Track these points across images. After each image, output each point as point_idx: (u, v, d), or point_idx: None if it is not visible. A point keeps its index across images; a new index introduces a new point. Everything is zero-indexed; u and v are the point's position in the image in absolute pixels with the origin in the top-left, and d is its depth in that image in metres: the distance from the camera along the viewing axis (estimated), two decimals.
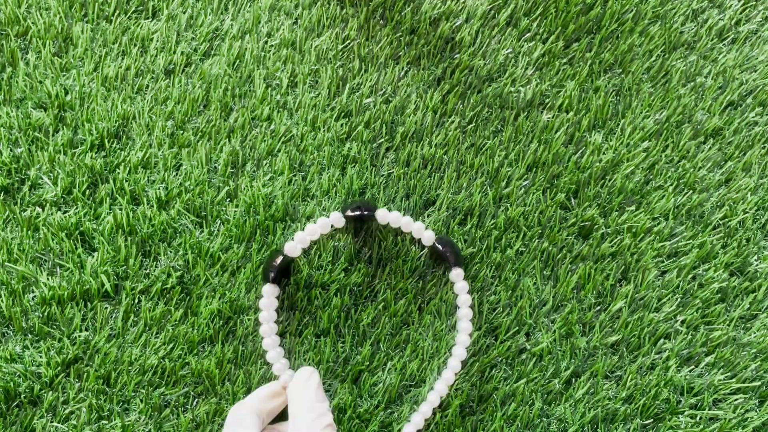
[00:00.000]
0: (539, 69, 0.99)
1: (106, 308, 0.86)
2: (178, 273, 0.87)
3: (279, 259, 0.51)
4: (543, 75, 0.99)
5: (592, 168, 0.95)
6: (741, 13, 1.04)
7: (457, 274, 0.45)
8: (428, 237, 0.47)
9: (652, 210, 0.95)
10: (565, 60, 0.99)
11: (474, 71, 0.98)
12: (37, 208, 0.89)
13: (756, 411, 0.89)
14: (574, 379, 0.89)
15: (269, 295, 0.45)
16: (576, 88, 0.97)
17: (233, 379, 0.85)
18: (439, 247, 0.48)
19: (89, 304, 0.86)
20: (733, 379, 0.90)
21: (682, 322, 0.92)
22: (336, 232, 0.85)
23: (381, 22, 0.98)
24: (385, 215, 0.49)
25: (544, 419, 0.87)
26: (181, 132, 0.92)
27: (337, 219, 0.50)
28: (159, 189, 0.90)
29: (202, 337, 0.85)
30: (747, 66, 1.02)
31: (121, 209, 0.89)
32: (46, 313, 0.85)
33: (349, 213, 0.51)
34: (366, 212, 0.51)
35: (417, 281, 0.89)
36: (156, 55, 0.96)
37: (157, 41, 0.97)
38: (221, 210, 0.90)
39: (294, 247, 0.50)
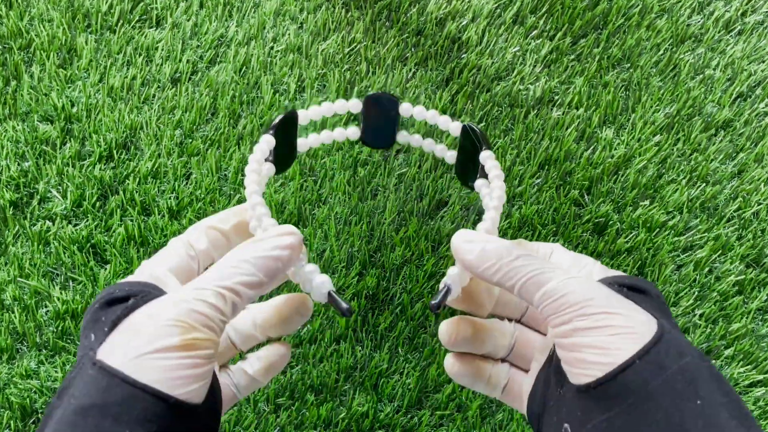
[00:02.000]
0: (547, 66, 0.99)
1: None
2: None
3: (283, 116, 0.44)
4: (551, 72, 0.98)
5: (604, 164, 0.94)
6: (747, 4, 1.04)
7: (487, 155, 0.42)
8: (455, 127, 0.45)
9: (665, 204, 0.94)
10: (573, 56, 0.99)
11: (482, 70, 0.97)
12: (47, 221, 0.88)
13: None
14: None
15: (265, 142, 0.39)
16: (585, 84, 0.97)
17: None
18: (469, 129, 0.44)
19: None
20: (754, 371, 0.90)
21: (701, 315, 0.91)
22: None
23: (387, 23, 0.97)
24: (408, 108, 0.46)
25: None
26: (190, 140, 0.92)
27: (354, 104, 0.46)
28: (170, 198, 0.89)
29: None
30: (755, 57, 1.01)
31: (132, 220, 0.88)
32: (60, 328, 0.84)
33: (369, 99, 0.46)
34: (390, 99, 0.46)
35: (433, 284, 0.88)
36: (162, 64, 0.95)
37: (163, 50, 0.96)
38: None
39: (306, 114, 0.45)
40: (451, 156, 0.48)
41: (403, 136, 0.47)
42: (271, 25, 0.98)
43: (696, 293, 0.92)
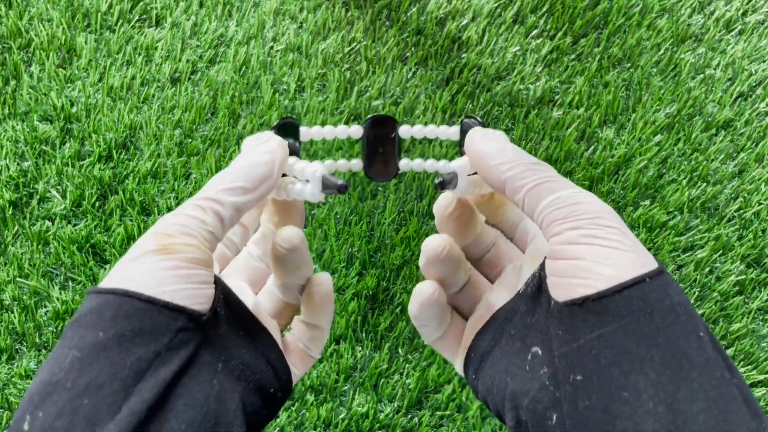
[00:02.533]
0: (548, 66, 0.98)
1: None
2: None
3: (284, 121, 0.41)
4: (552, 72, 0.98)
5: (604, 164, 0.94)
6: (747, 3, 1.04)
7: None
8: (454, 132, 0.43)
9: (666, 204, 0.94)
10: (573, 56, 0.98)
11: (482, 70, 0.97)
12: (47, 221, 0.87)
13: None
14: None
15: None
16: (585, 83, 0.97)
17: None
18: (468, 122, 0.41)
19: None
20: (754, 371, 0.89)
21: (701, 315, 0.91)
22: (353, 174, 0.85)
23: (387, 23, 0.97)
24: (408, 130, 0.44)
25: None
26: (190, 140, 0.91)
27: (356, 130, 0.44)
28: (169, 198, 0.89)
29: None
30: (756, 57, 1.01)
31: (131, 220, 0.88)
32: (59, 328, 0.84)
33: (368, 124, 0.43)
34: (388, 119, 0.43)
35: None
36: (161, 64, 0.95)
37: (162, 49, 0.96)
38: None
39: (307, 132, 0.42)
40: (454, 132, 0.47)
41: (405, 164, 0.46)
42: (270, 24, 0.98)
43: (696, 293, 0.92)
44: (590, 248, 0.31)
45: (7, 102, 0.91)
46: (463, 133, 0.43)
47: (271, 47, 0.98)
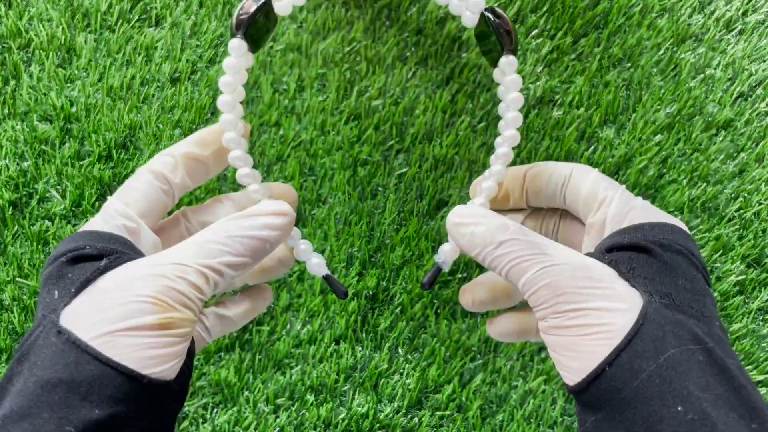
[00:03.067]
0: (548, 65, 0.98)
1: None
2: None
3: (256, 6, 0.32)
4: (552, 71, 0.98)
5: (605, 163, 0.94)
6: (748, 3, 1.03)
7: (508, 62, 0.33)
8: (469, 17, 0.38)
9: (666, 204, 0.94)
10: (573, 56, 0.98)
11: (482, 69, 0.97)
12: (46, 221, 0.87)
13: None
14: None
15: (237, 53, 0.31)
16: (585, 83, 0.97)
17: (252, 388, 0.83)
18: (491, 18, 0.37)
19: None
20: (755, 371, 0.89)
21: None
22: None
23: (387, 23, 0.97)
24: None
25: (567, 417, 0.86)
26: None
27: None
28: None
29: (218, 347, 0.84)
30: (756, 57, 1.01)
31: None
32: None
33: None
34: None
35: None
36: (161, 64, 0.95)
37: (162, 49, 0.96)
38: None
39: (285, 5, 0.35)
40: (470, 17, 0.43)
41: None
42: None
43: None
44: (556, 339, 0.30)
45: (7, 102, 0.91)
46: (486, 34, 0.44)
47: (271, 47, 0.98)
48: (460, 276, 0.89)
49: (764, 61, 1.01)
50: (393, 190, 0.91)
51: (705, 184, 0.95)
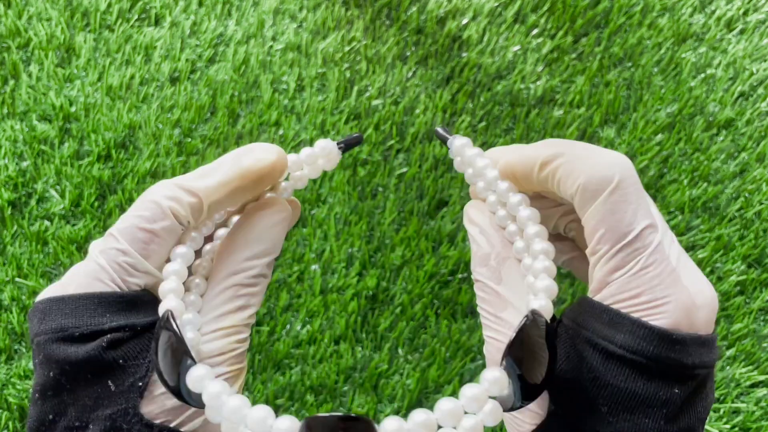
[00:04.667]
0: (548, 65, 0.98)
1: None
2: None
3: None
4: (553, 71, 0.98)
5: None
6: (749, 3, 1.03)
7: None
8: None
9: (667, 204, 0.94)
10: (574, 55, 0.98)
11: (483, 69, 0.97)
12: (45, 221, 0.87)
13: None
14: None
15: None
16: (586, 83, 0.96)
17: (252, 388, 0.83)
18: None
19: None
20: (755, 372, 0.89)
21: None
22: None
23: (387, 22, 0.97)
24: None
25: None
26: (189, 140, 0.91)
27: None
28: None
29: None
30: (757, 56, 1.01)
31: None
32: None
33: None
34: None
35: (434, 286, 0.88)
36: (160, 63, 0.95)
37: (161, 49, 0.95)
38: None
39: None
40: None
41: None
42: (270, 23, 0.98)
43: None
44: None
45: (6, 102, 0.91)
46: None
47: (271, 46, 0.98)
48: (460, 276, 0.88)
49: (765, 61, 1.01)
50: (393, 190, 0.91)
51: (706, 183, 0.95)
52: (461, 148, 0.33)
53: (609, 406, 0.27)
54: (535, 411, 0.28)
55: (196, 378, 0.26)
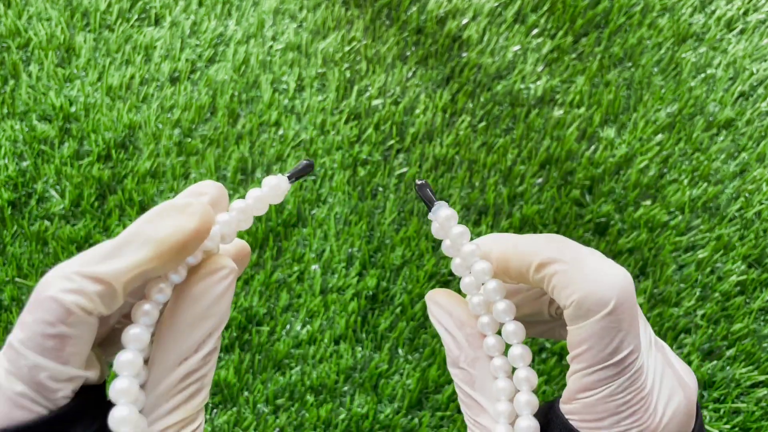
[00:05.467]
0: (548, 65, 0.98)
1: None
2: None
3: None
4: (553, 71, 0.98)
5: (605, 163, 0.94)
6: (749, 2, 1.03)
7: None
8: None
9: (667, 204, 0.94)
10: (574, 55, 0.98)
11: (483, 69, 0.97)
12: (45, 221, 0.87)
13: None
14: None
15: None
16: (586, 83, 0.96)
17: (252, 388, 0.83)
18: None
19: None
20: (756, 372, 0.89)
21: (702, 316, 0.91)
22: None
23: (387, 22, 0.97)
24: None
25: None
26: (189, 140, 0.91)
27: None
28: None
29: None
30: (757, 56, 1.01)
31: (130, 220, 0.88)
32: None
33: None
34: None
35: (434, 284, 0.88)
36: (160, 63, 0.95)
37: (161, 49, 0.95)
38: None
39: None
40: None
41: None
42: (270, 23, 0.98)
43: (698, 293, 0.91)
44: None
45: (6, 101, 0.91)
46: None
47: (271, 46, 0.98)
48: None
49: (765, 61, 1.01)
50: (393, 190, 0.91)
51: (706, 183, 0.95)
52: (446, 221, 0.30)
53: None
54: None
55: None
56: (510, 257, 0.30)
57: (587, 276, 0.27)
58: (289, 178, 0.30)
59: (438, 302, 0.31)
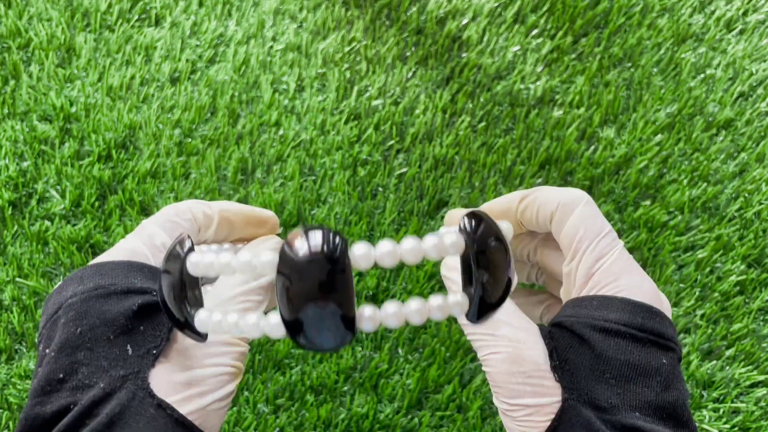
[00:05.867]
0: (548, 65, 0.98)
1: None
2: None
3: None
4: (552, 71, 0.98)
5: (605, 163, 0.94)
6: (748, 3, 1.03)
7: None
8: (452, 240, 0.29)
9: (667, 204, 0.94)
10: (574, 55, 0.98)
11: (483, 69, 0.97)
12: (46, 221, 0.87)
13: None
14: None
15: None
16: (586, 83, 0.96)
17: (252, 388, 0.83)
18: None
19: None
20: (755, 372, 0.89)
21: (702, 316, 0.91)
22: None
23: (387, 22, 0.97)
24: (365, 251, 0.26)
25: None
26: (189, 140, 0.91)
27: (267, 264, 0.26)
28: (169, 198, 0.88)
29: None
30: (756, 56, 1.01)
31: (131, 220, 0.88)
32: None
33: None
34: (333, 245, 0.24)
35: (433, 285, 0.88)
36: (161, 63, 0.95)
37: (162, 49, 0.95)
38: None
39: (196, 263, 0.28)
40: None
41: (368, 319, 0.26)
42: (270, 24, 0.98)
43: (697, 293, 0.91)
44: (505, 422, 0.32)
45: (6, 102, 0.91)
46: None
47: (271, 47, 0.98)
48: None
49: (765, 61, 1.01)
50: (393, 190, 0.91)
51: (705, 183, 0.95)
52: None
53: (615, 378, 0.30)
54: (546, 405, 0.31)
55: (203, 319, 0.27)
56: (493, 205, 0.37)
57: (560, 191, 0.34)
58: None
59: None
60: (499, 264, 0.27)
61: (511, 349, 0.31)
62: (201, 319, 0.27)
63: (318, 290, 0.24)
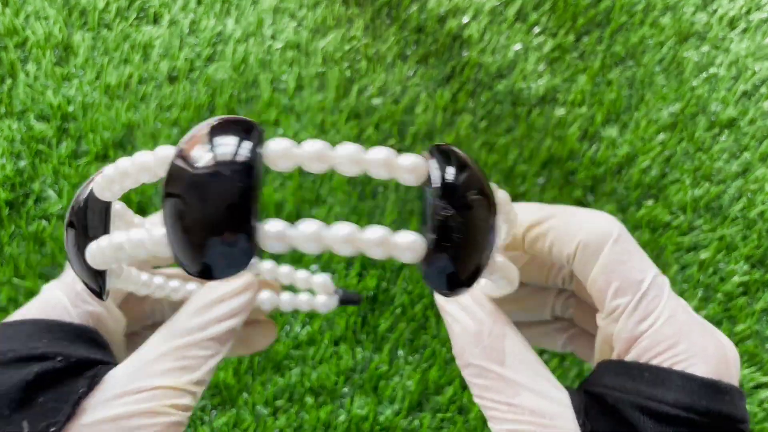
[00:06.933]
0: (550, 64, 0.97)
1: None
2: None
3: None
4: (554, 70, 0.97)
5: (607, 163, 0.93)
6: (751, 1, 1.03)
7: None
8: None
9: (669, 204, 0.93)
10: (575, 54, 0.98)
11: (484, 68, 0.96)
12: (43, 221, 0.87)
13: None
14: None
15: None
16: (588, 82, 0.96)
17: (251, 390, 0.82)
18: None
19: None
20: (758, 373, 0.89)
21: (705, 316, 0.90)
22: None
23: (387, 21, 0.96)
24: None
25: None
26: None
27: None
28: None
29: None
30: (760, 55, 1.00)
31: None
32: None
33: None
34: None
35: None
36: (159, 62, 0.94)
37: (160, 47, 0.95)
38: None
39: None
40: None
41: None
42: (269, 22, 0.97)
43: (700, 294, 0.91)
44: None
45: (3, 101, 0.91)
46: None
47: (270, 45, 0.97)
48: None
49: None
50: (393, 190, 0.90)
51: (708, 183, 0.95)
52: None
53: None
54: None
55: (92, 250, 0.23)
56: None
57: (581, 221, 0.26)
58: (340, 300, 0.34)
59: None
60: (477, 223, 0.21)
61: (535, 429, 0.25)
62: (91, 250, 0.22)
63: (226, 218, 0.18)
